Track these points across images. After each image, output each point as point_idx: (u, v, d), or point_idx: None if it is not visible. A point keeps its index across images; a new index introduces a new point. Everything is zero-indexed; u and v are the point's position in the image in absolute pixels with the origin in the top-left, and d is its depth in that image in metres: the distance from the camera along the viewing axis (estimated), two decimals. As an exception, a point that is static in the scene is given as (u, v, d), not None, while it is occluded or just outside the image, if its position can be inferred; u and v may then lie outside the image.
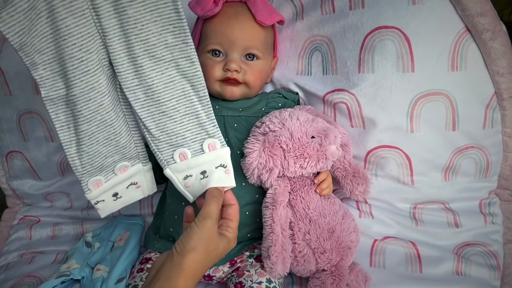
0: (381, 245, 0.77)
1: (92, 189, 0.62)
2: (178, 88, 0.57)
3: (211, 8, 0.70)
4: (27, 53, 0.50)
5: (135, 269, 0.74)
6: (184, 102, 0.58)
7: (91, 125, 0.57)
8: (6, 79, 0.90)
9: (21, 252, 0.91)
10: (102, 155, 0.60)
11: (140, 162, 0.65)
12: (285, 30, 0.84)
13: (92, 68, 0.53)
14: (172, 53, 0.54)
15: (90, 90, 0.54)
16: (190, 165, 0.59)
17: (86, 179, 0.61)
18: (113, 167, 0.63)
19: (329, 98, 0.78)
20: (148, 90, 0.56)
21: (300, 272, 0.71)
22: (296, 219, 0.68)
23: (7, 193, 1.01)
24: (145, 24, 0.52)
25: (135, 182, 0.66)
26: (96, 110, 0.56)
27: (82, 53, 0.52)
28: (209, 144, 0.60)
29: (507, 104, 0.72)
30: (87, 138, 0.57)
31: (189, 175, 0.59)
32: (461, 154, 0.75)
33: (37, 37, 0.50)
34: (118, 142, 0.60)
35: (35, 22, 0.49)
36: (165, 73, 0.55)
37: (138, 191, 0.67)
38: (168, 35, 0.53)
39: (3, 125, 0.94)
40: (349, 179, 0.73)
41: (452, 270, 0.72)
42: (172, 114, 0.58)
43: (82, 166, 0.59)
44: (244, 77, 0.73)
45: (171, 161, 0.60)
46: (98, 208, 0.64)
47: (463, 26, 0.68)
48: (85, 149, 0.58)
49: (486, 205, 0.79)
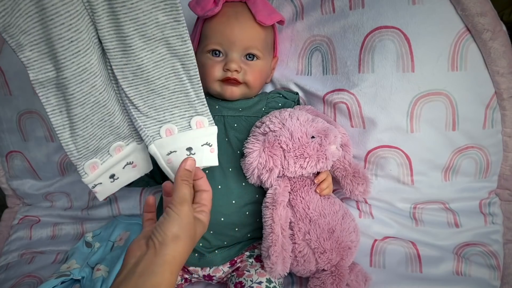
0: (381, 245, 0.77)
1: (88, 173, 0.60)
2: (168, 67, 0.55)
3: (211, 8, 0.70)
4: (12, 34, 0.47)
5: (135, 269, 0.74)
6: (174, 80, 0.56)
7: (85, 108, 0.54)
8: (6, 79, 0.90)
9: (21, 252, 0.91)
10: (97, 137, 0.58)
11: (134, 140, 0.63)
12: (285, 30, 0.84)
13: (83, 48, 0.50)
14: (163, 31, 0.52)
15: (82, 72, 0.51)
16: (176, 140, 0.58)
17: (82, 163, 0.59)
18: (108, 148, 0.61)
19: (329, 98, 0.78)
20: (137, 69, 0.54)
21: (300, 272, 0.71)
22: (296, 219, 0.69)
23: (7, 193, 1.01)
24: (135, 2, 0.50)
25: (131, 161, 0.64)
26: (89, 92, 0.53)
27: (72, 33, 0.49)
28: (197, 121, 0.59)
29: (507, 104, 0.72)
30: (81, 122, 0.55)
31: (172, 151, 0.58)
32: (461, 154, 0.75)
33: (22, 17, 0.47)
34: (112, 122, 0.58)
35: (18, 1, 0.46)
36: (155, 52, 0.54)
37: (134, 171, 0.66)
38: (159, 13, 0.51)
39: (3, 125, 0.94)
40: (349, 179, 0.73)
41: (452, 270, 0.72)
42: (161, 91, 0.57)
43: (77, 150, 0.57)
44: (244, 77, 0.73)
45: (156, 137, 0.58)
46: (96, 192, 0.63)
47: (463, 26, 0.68)
48: (79, 132, 0.56)
49: (486, 205, 0.79)
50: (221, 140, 0.74)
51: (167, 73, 0.56)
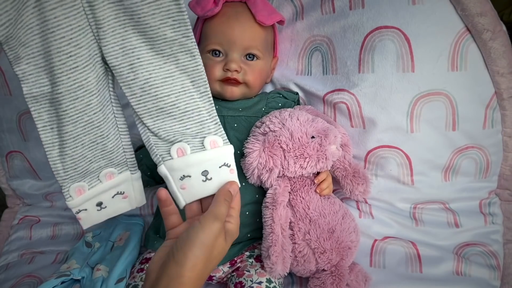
0: (381, 245, 0.77)
1: (74, 196, 0.56)
2: (177, 84, 0.53)
3: (211, 8, 0.70)
4: (12, 46, 0.46)
5: (135, 269, 0.74)
6: (184, 98, 0.53)
7: (77, 127, 0.52)
8: (6, 79, 0.90)
9: (21, 252, 0.91)
10: (87, 160, 0.55)
11: (129, 169, 0.60)
12: (285, 30, 0.84)
13: (81, 64, 0.49)
14: (171, 47, 0.51)
15: (77, 88, 0.50)
16: (189, 162, 0.53)
17: (68, 185, 0.56)
18: (98, 173, 0.58)
19: (329, 98, 0.78)
20: (145, 84, 0.52)
21: (300, 272, 0.71)
22: (296, 219, 0.68)
23: (7, 193, 1.01)
24: (142, 17, 0.48)
25: (122, 191, 0.60)
26: (83, 110, 0.52)
27: (71, 47, 0.48)
28: (211, 141, 0.54)
29: (507, 104, 0.72)
30: (72, 140, 0.53)
31: (186, 175, 0.53)
32: (461, 154, 0.75)
33: (22, 29, 0.46)
34: (105, 146, 0.56)
35: (21, 12, 0.45)
36: (163, 68, 0.52)
37: (124, 202, 0.62)
38: (167, 29, 0.49)
39: (3, 125, 0.94)
40: (349, 179, 0.73)
41: (452, 270, 0.72)
42: (170, 111, 0.54)
43: (64, 170, 0.55)
44: (244, 77, 0.73)
45: (167, 157, 0.53)
46: (80, 218, 0.59)
47: (463, 26, 0.68)
48: (68, 152, 0.54)
49: (486, 205, 0.79)
50: (221, 140, 0.74)
51: (176, 90, 0.53)
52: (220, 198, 0.50)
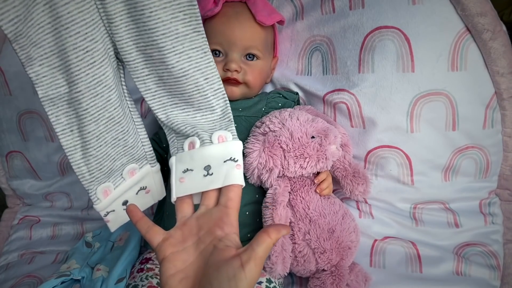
0: (381, 245, 0.77)
1: (101, 198, 0.54)
2: (191, 83, 0.51)
3: (211, 8, 0.70)
4: (22, 45, 0.44)
5: (135, 269, 0.74)
6: (197, 97, 0.52)
7: (99, 125, 0.51)
8: (6, 79, 0.90)
9: (21, 252, 0.91)
10: (111, 158, 0.54)
11: (148, 163, 0.59)
12: (285, 30, 0.84)
13: (98, 59, 0.47)
14: (183, 44, 0.49)
15: (97, 84, 0.48)
16: (194, 155, 0.51)
17: (94, 187, 0.54)
18: (122, 171, 0.56)
19: (329, 98, 0.78)
20: (159, 80, 0.51)
21: (300, 272, 0.71)
22: (296, 219, 0.68)
23: (7, 193, 1.01)
24: (154, 11, 0.47)
25: (145, 186, 0.60)
26: (104, 106, 0.50)
27: (87, 42, 0.46)
28: (219, 136, 0.52)
29: (507, 104, 0.72)
30: (95, 140, 0.51)
31: (189, 169, 0.50)
32: (461, 154, 0.75)
33: (33, 28, 0.44)
34: (126, 141, 0.54)
35: (31, 10, 0.43)
36: (176, 67, 0.50)
37: (148, 197, 0.61)
38: (179, 24, 0.48)
39: (3, 125, 0.94)
40: (349, 179, 0.73)
41: (452, 270, 0.72)
42: (185, 107, 0.53)
43: (89, 172, 0.53)
44: (244, 77, 0.74)
45: (180, 150, 0.53)
46: (108, 221, 0.57)
47: (463, 26, 0.68)
48: (92, 152, 0.52)
49: (486, 205, 0.79)
50: (221, 140, 0.74)
51: (190, 89, 0.52)
52: (269, 240, 0.42)
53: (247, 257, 0.39)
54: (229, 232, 0.44)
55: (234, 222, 0.45)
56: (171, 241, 0.44)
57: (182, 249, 0.44)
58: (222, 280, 0.38)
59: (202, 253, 0.43)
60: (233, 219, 0.45)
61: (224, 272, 0.39)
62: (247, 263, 0.39)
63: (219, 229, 0.44)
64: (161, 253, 0.43)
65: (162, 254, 0.43)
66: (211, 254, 0.42)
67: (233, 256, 0.40)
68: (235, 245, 0.42)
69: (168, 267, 0.42)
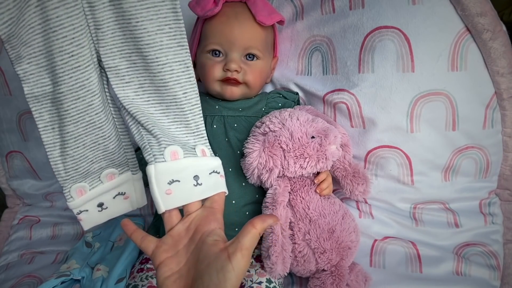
0: (381, 245, 0.77)
1: (75, 197, 0.56)
2: (170, 94, 0.53)
3: (211, 8, 0.70)
4: (13, 45, 0.46)
5: (135, 269, 0.74)
6: (174, 109, 0.54)
7: (78, 127, 0.52)
8: (6, 79, 0.90)
9: (21, 252, 0.91)
10: (88, 160, 0.55)
11: (130, 170, 0.60)
12: (285, 30, 0.84)
13: (83, 64, 0.49)
14: (167, 56, 0.51)
15: (79, 88, 0.50)
16: (181, 166, 0.51)
17: (68, 185, 0.56)
18: (99, 174, 0.58)
19: (329, 98, 0.78)
20: (139, 88, 0.52)
21: (300, 272, 0.71)
22: (296, 219, 0.69)
23: (7, 193, 1.01)
24: (140, 21, 0.49)
25: (123, 192, 0.61)
26: (85, 110, 0.51)
27: (73, 47, 0.48)
28: (202, 149, 0.55)
29: (507, 104, 0.72)
30: (73, 141, 0.53)
31: (176, 180, 0.50)
32: (461, 154, 0.75)
33: (24, 28, 0.46)
34: (106, 147, 0.56)
35: (23, 11, 0.45)
36: (158, 76, 0.51)
37: (126, 203, 0.62)
38: (164, 37, 0.50)
39: (3, 125, 0.94)
40: (349, 179, 0.73)
41: (452, 270, 0.72)
42: (160, 118, 0.54)
43: (65, 170, 0.55)
44: (244, 77, 0.74)
45: (159, 158, 0.50)
46: (81, 219, 0.58)
47: (463, 26, 0.68)
48: (69, 152, 0.53)
49: (486, 205, 0.79)
50: (221, 140, 0.74)
51: (168, 100, 0.53)
52: (255, 230, 0.43)
53: (233, 249, 0.42)
54: (215, 228, 0.47)
55: (220, 220, 0.49)
56: (164, 247, 0.47)
57: (175, 253, 0.47)
58: (211, 274, 0.41)
59: (193, 252, 0.46)
60: (219, 217, 0.49)
61: (213, 266, 0.41)
62: (233, 255, 0.41)
63: (206, 225, 0.47)
64: (156, 260, 0.47)
65: (157, 260, 0.46)
66: (201, 251, 0.45)
67: (221, 250, 0.42)
68: (222, 239, 0.45)
69: (164, 270, 0.45)
